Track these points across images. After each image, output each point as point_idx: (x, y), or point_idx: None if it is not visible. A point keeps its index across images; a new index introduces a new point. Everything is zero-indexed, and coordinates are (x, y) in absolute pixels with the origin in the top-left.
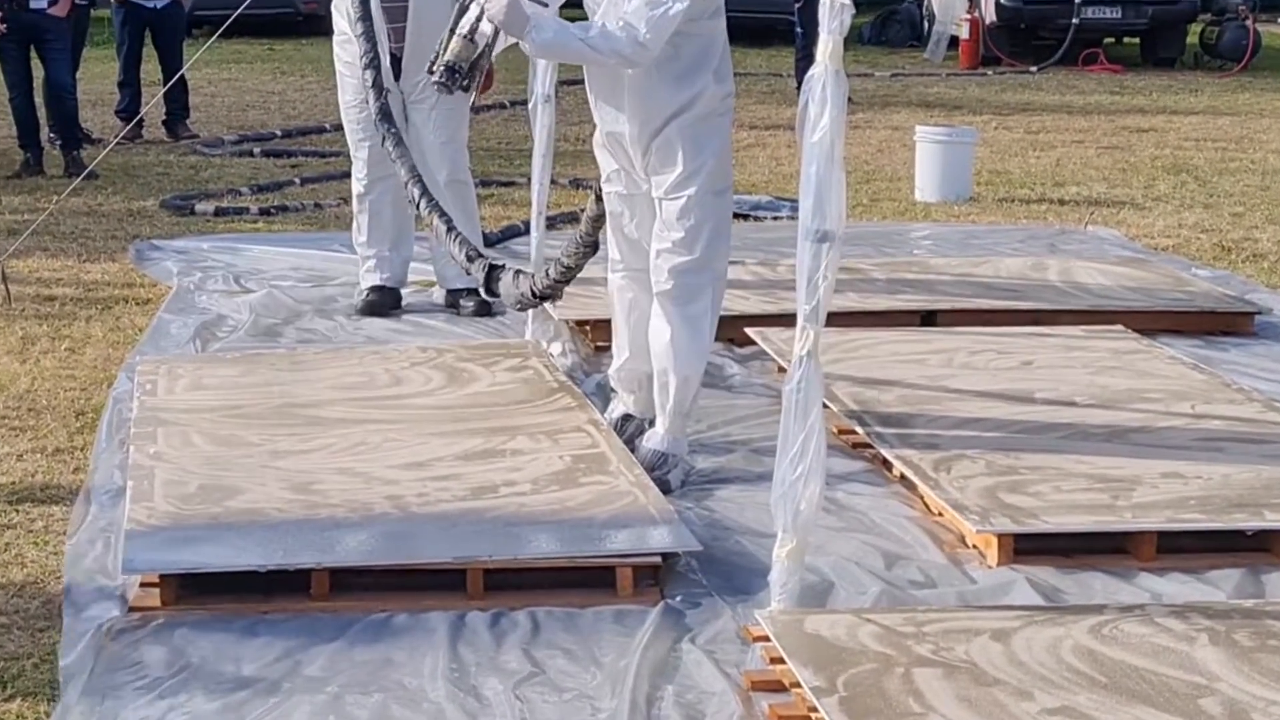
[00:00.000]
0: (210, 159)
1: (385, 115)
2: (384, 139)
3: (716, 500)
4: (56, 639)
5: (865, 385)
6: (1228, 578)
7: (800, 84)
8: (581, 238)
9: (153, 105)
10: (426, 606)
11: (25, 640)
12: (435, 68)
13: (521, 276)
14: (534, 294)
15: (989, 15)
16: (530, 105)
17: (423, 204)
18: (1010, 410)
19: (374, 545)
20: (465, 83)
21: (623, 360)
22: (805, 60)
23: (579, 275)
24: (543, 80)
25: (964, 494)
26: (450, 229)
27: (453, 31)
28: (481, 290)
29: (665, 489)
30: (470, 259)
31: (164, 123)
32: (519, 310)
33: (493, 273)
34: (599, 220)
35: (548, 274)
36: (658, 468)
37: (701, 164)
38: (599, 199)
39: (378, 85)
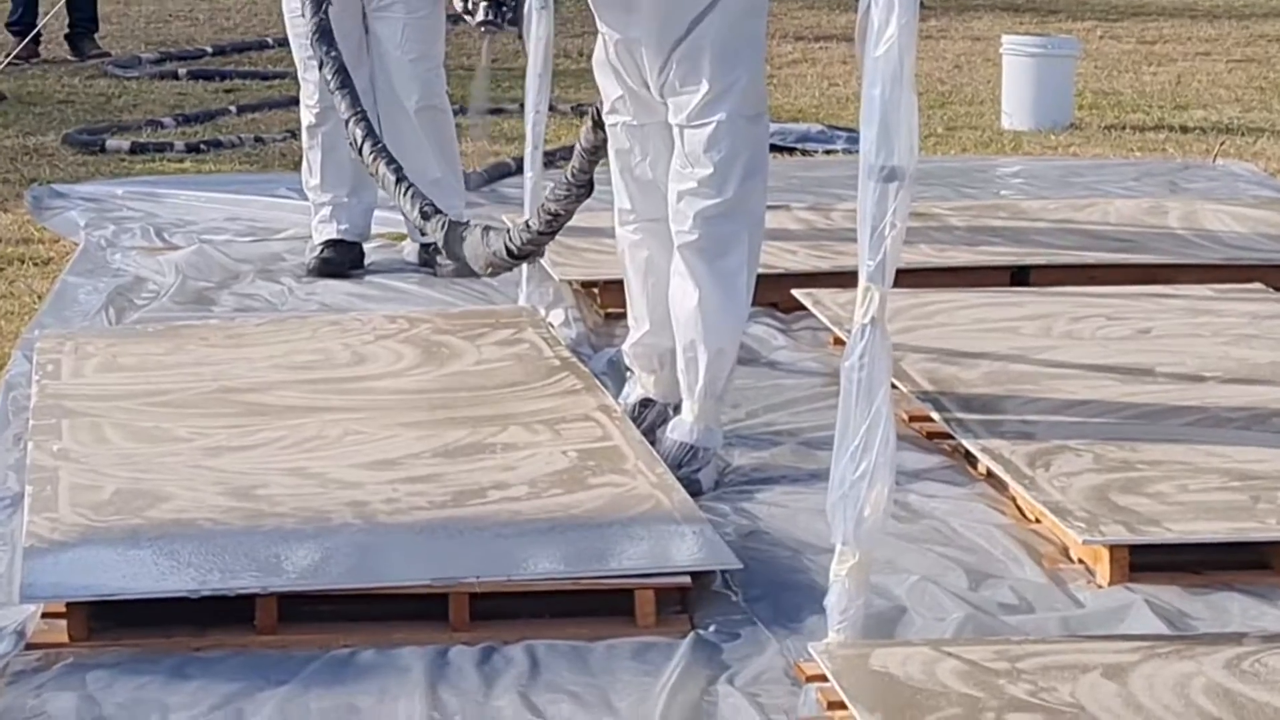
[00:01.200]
0: (124, 82)
1: (323, 35)
2: (321, 64)
3: (759, 505)
4: None
5: (943, 360)
6: None
7: None
8: (572, 175)
9: (52, 16)
10: (399, 640)
11: None
12: (472, 3)
13: (493, 233)
14: (510, 252)
15: None
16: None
17: (366, 148)
18: (1124, 390)
19: (332, 565)
20: (510, 15)
21: (640, 334)
22: None
23: (576, 225)
24: None
25: (1067, 495)
26: (400, 179)
27: None
28: (442, 254)
29: (695, 491)
30: (425, 215)
31: (67, 37)
32: (491, 275)
33: (453, 231)
34: (596, 153)
35: (527, 226)
36: (685, 464)
37: (733, 81)
38: (597, 125)
39: None
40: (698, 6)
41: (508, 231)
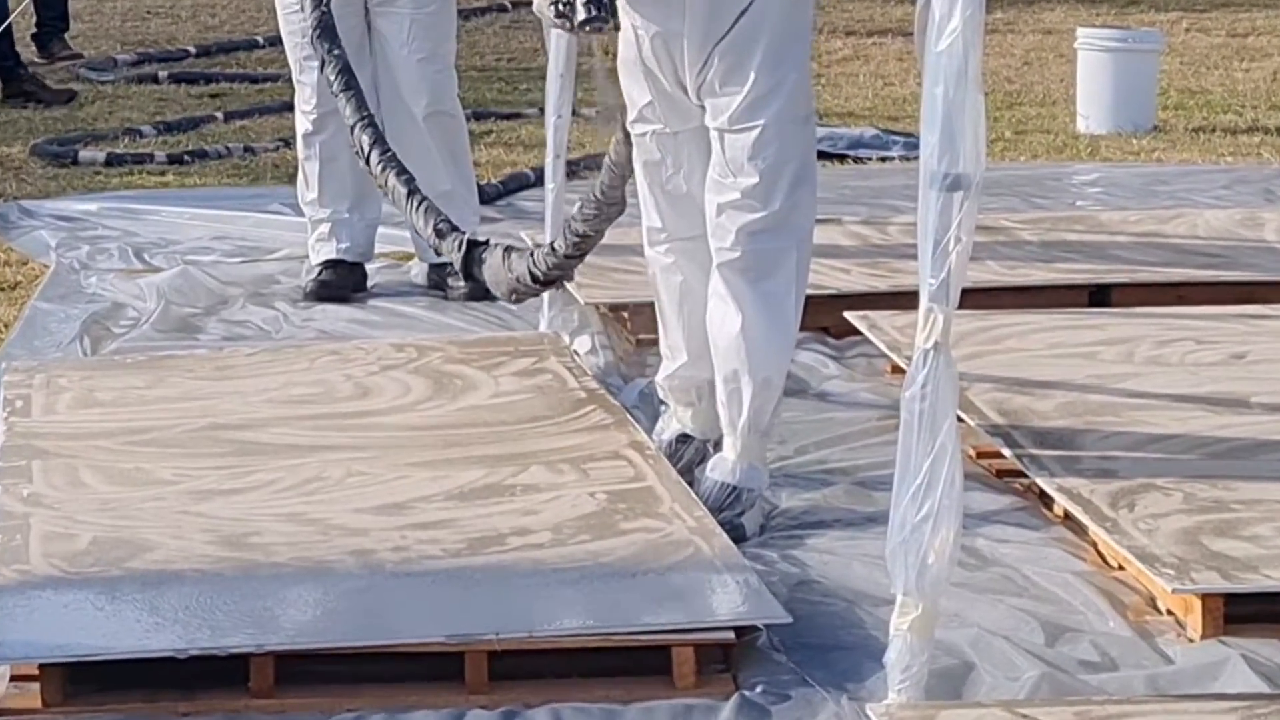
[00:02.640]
0: (99, 86)
1: (325, 31)
2: (323, 64)
3: (809, 552)
4: None
5: (1014, 389)
6: None
7: None
8: (602, 192)
9: (18, 13)
10: (410, 704)
11: None
12: (569, 2)
13: (515, 254)
14: (535, 278)
15: None
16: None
17: (374, 156)
18: (1216, 422)
19: (335, 621)
20: (611, 7)
21: (677, 366)
22: None
23: (603, 243)
24: None
25: (1154, 539)
26: (412, 192)
27: None
28: (459, 276)
29: (738, 537)
30: (440, 233)
31: (34, 37)
32: (514, 302)
33: (472, 252)
34: (625, 169)
35: (553, 249)
36: (727, 507)
37: (781, 79)
38: (627, 138)
39: None
40: (740, 2)
41: (532, 254)
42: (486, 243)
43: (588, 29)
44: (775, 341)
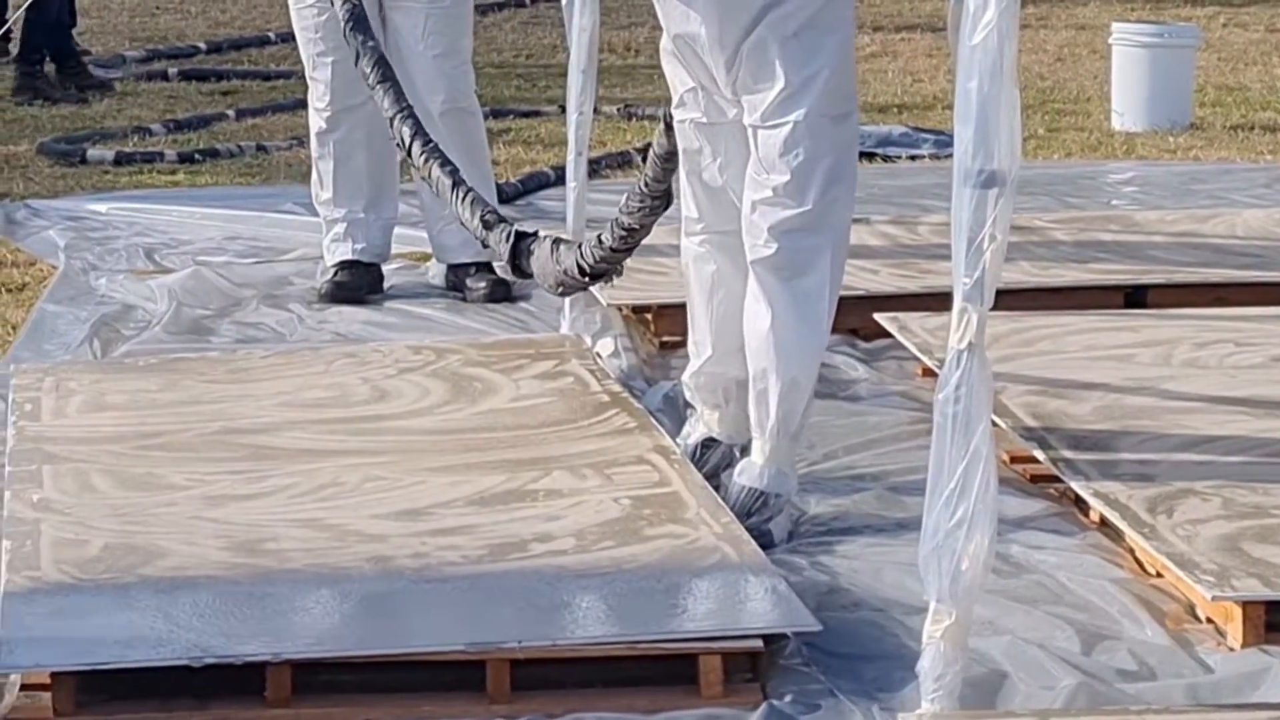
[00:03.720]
0: (107, 84)
1: (358, 23)
2: (357, 57)
3: (839, 558)
4: None
5: (1048, 393)
6: None
7: None
8: (648, 186)
9: (26, 8)
10: (429, 714)
11: None
12: None
13: (564, 246)
14: (583, 270)
15: None
16: (564, 0)
17: (416, 148)
18: (1256, 425)
19: (352, 628)
20: None
21: (702, 361)
22: None
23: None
24: None
25: (1193, 546)
26: (457, 183)
27: None
28: (506, 269)
29: (766, 543)
30: (488, 224)
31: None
32: (561, 295)
33: (520, 243)
34: (671, 160)
35: (600, 241)
36: (755, 512)
37: (814, 74)
38: (670, 129)
39: None
40: None
41: (580, 246)
42: (535, 234)
43: None
44: (805, 341)
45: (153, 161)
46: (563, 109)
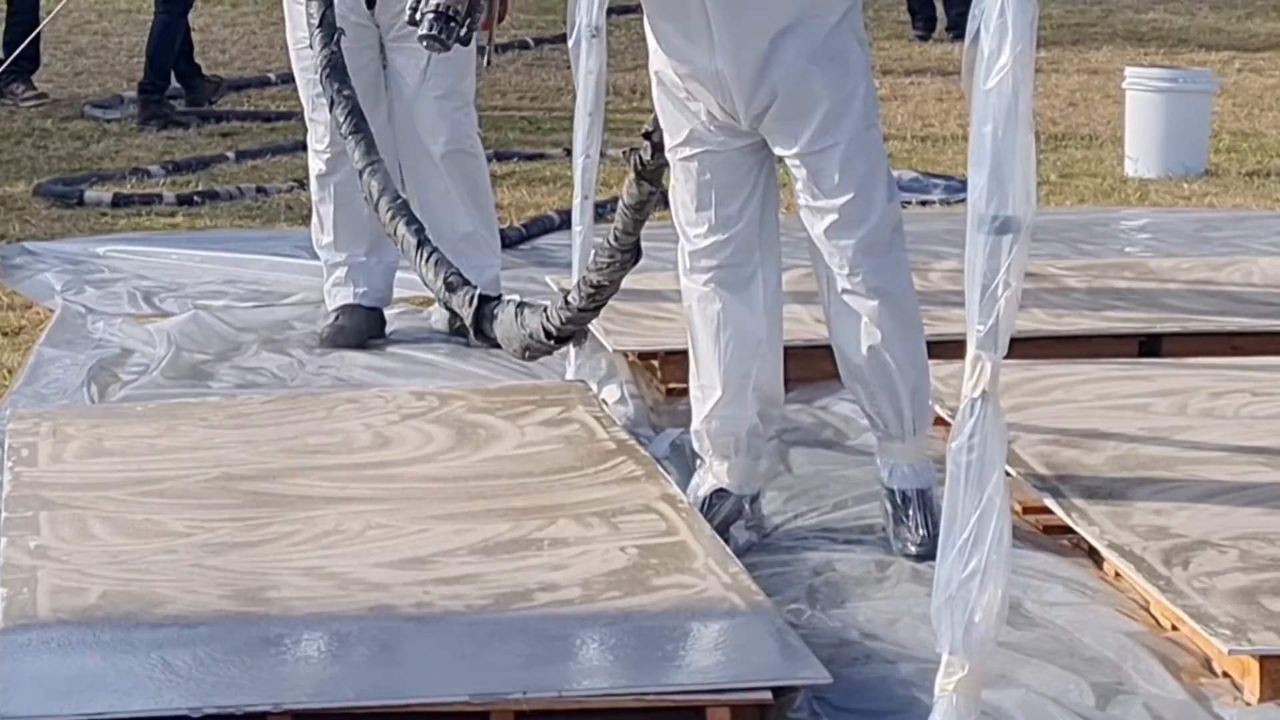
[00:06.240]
0: (104, 124)
1: (335, 70)
2: (332, 104)
3: (850, 609)
4: None
5: (1061, 442)
6: None
7: (915, 10)
8: (617, 239)
9: (30, 42)
10: None
11: None
12: (420, 13)
13: (528, 311)
14: (549, 334)
15: None
16: (571, 42)
17: (383, 204)
18: (1274, 476)
19: (354, 679)
20: (465, 30)
21: (713, 404)
22: None
23: (631, 288)
24: (589, 6)
25: (1209, 599)
26: (421, 243)
27: None
28: (470, 333)
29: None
30: (451, 287)
31: None
32: (527, 359)
33: (484, 307)
34: (642, 210)
35: (567, 303)
36: (936, 508)
37: (853, 89)
38: (641, 178)
39: (326, 23)
40: (788, 14)
41: (545, 309)
42: (499, 298)
43: (424, 44)
44: (912, 345)
45: (151, 203)
46: (567, 152)
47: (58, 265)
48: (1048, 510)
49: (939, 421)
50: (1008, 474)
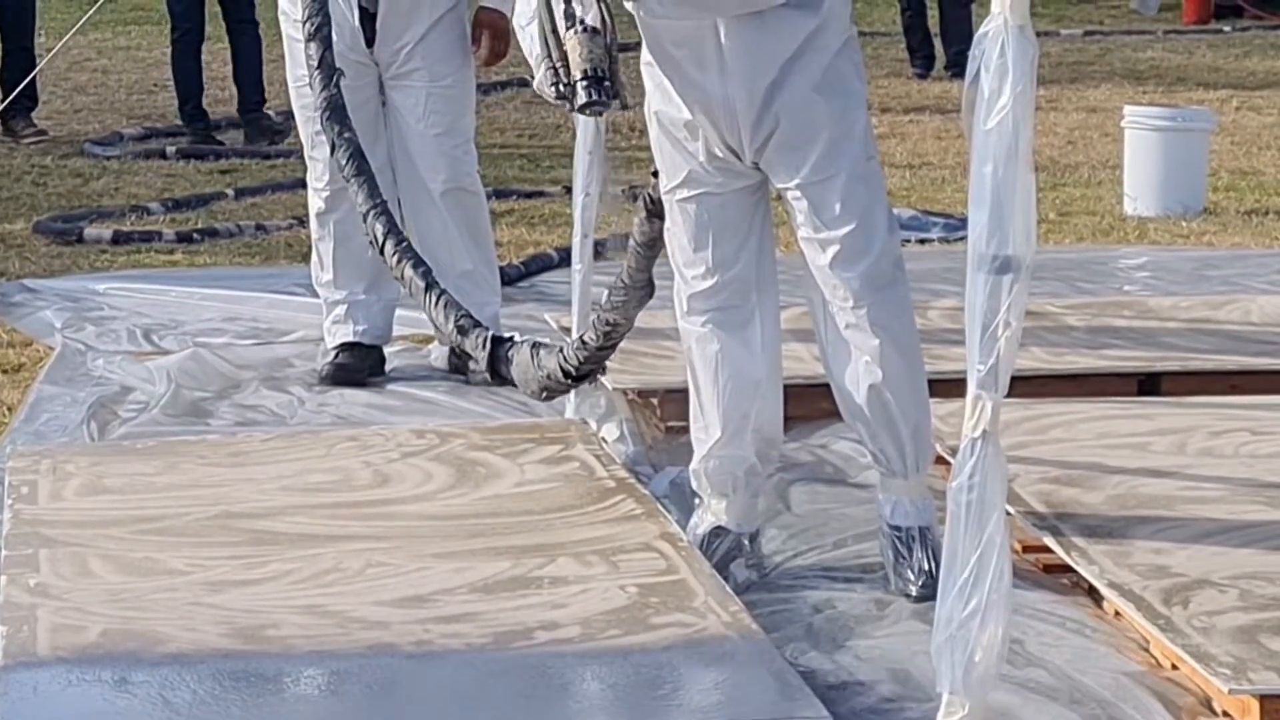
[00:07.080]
0: (104, 162)
1: (335, 112)
2: (333, 147)
3: (849, 648)
4: None
5: (1061, 480)
6: None
7: (914, 48)
8: (630, 277)
9: (29, 81)
10: None
11: None
12: (569, 84)
13: (544, 351)
14: (567, 373)
15: None
16: None
17: (389, 247)
18: (1274, 515)
19: (353, 716)
20: (614, 90)
21: (712, 444)
22: (916, 15)
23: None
24: None
25: (1209, 638)
26: (430, 285)
27: (554, 30)
28: (484, 374)
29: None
30: (462, 330)
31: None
32: (545, 399)
33: (498, 349)
34: (654, 247)
35: (584, 342)
36: (936, 545)
37: (853, 121)
38: (651, 215)
39: (326, 65)
40: (794, 43)
41: (561, 349)
42: (512, 339)
43: (588, 112)
44: (914, 381)
45: (151, 241)
46: (567, 189)
47: (57, 302)
48: (1048, 549)
49: (939, 461)
50: (1008, 513)
